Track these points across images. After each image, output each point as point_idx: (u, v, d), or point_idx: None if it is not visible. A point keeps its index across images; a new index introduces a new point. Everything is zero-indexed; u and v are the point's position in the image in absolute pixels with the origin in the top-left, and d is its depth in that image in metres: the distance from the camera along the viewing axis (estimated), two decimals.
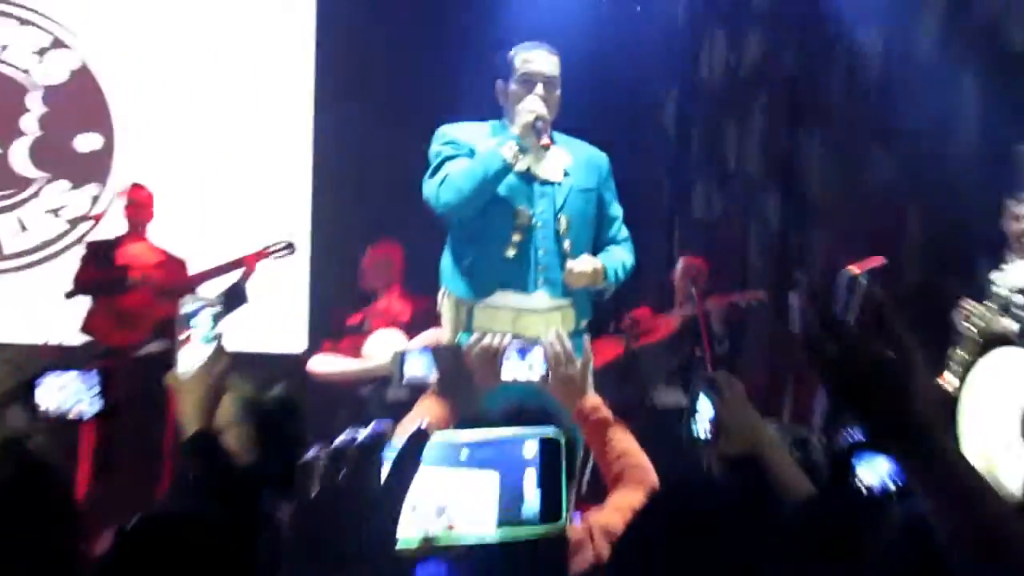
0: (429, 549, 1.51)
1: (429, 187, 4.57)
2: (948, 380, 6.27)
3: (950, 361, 6.29)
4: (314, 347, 7.62)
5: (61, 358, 6.55)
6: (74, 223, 8.69)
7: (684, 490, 2.10)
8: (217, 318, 2.91)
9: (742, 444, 2.58)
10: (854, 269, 6.74)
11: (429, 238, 5.64)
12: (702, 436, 2.69)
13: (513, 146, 4.41)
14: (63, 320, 7.24)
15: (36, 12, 8.75)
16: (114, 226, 7.61)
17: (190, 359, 2.86)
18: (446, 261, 4.72)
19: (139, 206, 7.46)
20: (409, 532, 1.49)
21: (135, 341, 7.07)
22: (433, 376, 3.21)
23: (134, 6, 8.86)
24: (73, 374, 2.54)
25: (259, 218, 8.57)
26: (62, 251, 8.57)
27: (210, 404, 2.86)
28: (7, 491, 2.09)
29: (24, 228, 8.68)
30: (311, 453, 1.49)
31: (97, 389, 2.53)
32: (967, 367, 6.21)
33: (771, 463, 2.56)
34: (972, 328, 6.25)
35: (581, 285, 4.61)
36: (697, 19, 9.58)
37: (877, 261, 6.80)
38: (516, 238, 4.56)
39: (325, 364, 6.99)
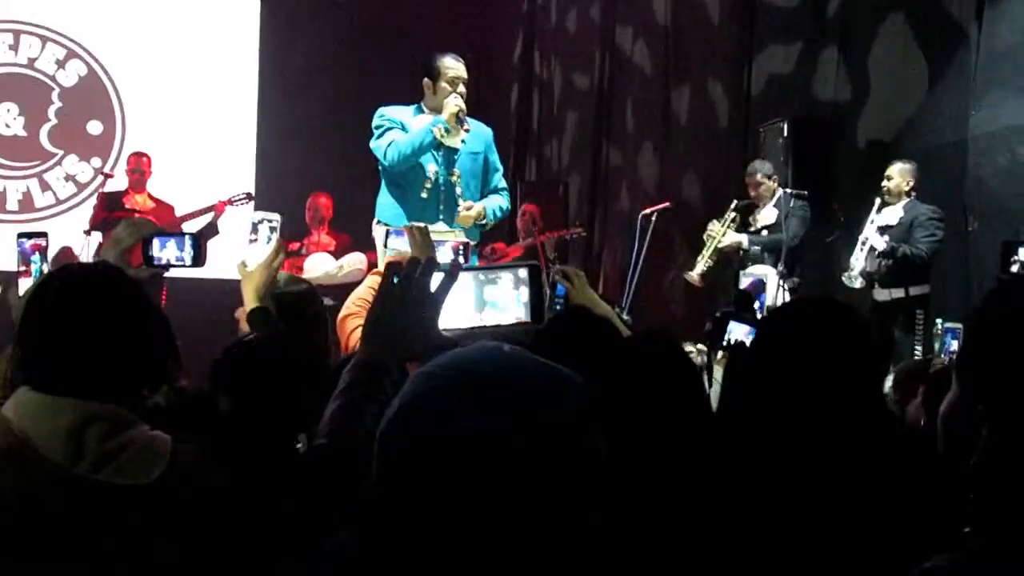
0: (465, 333, 1.79)
1: (377, 147, 5.89)
2: (690, 275, 8.08)
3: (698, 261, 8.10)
4: None
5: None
6: (82, 187, 10.89)
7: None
8: (273, 229, 3.57)
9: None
10: (647, 211, 8.63)
11: (350, 191, 7.45)
12: (558, 308, 3.50)
13: (441, 129, 5.77)
14: (80, 254, 8.51)
15: (54, 31, 11.00)
16: (119, 182, 9.61)
17: (255, 254, 3.48)
18: (381, 200, 6.05)
19: (140, 167, 9.39)
20: (451, 322, 1.76)
21: (137, 264, 8.57)
22: (406, 247, 4.18)
23: (128, 27, 11.06)
24: (176, 237, 2.73)
25: (224, 176, 10.59)
26: (75, 206, 10.73)
27: (268, 287, 3.50)
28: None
29: (48, 188, 10.97)
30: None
31: (191, 248, 2.71)
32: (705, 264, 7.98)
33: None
34: (710, 236, 8.05)
35: (467, 225, 5.86)
36: None
37: (664, 204, 8.73)
38: (427, 185, 5.92)
39: None
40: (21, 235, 3.40)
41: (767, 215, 8.08)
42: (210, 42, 11.31)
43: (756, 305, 6.38)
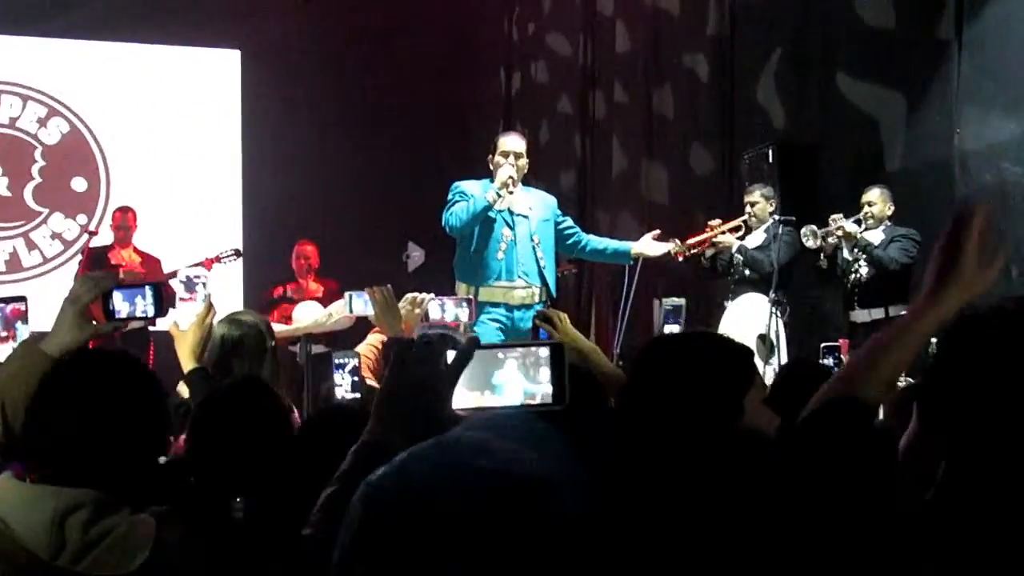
0: (474, 412, 1.69)
1: (445, 216, 6.54)
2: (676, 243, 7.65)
3: None
4: None
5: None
6: (68, 244, 10.89)
7: None
8: (206, 285, 3.61)
9: (571, 353, 3.11)
10: None
11: (337, 238, 7.49)
12: None
13: (493, 193, 6.38)
14: None
15: (35, 89, 11.04)
16: (104, 238, 9.55)
17: (189, 312, 3.49)
18: (459, 263, 6.69)
19: (125, 222, 9.36)
20: (458, 403, 1.69)
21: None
22: (369, 311, 4.31)
23: (109, 83, 11.16)
24: (136, 290, 2.54)
25: (211, 226, 10.83)
26: (63, 264, 10.73)
27: (203, 346, 3.53)
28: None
29: (35, 247, 10.97)
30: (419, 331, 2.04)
31: (152, 299, 2.53)
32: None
33: (594, 363, 3.48)
34: (710, 227, 7.97)
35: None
36: None
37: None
38: (503, 247, 6.56)
39: None
40: None
41: (755, 238, 8.06)
42: (192, 95, 11.43)
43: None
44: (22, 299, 3.26)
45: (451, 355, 1.73)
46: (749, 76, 9.03)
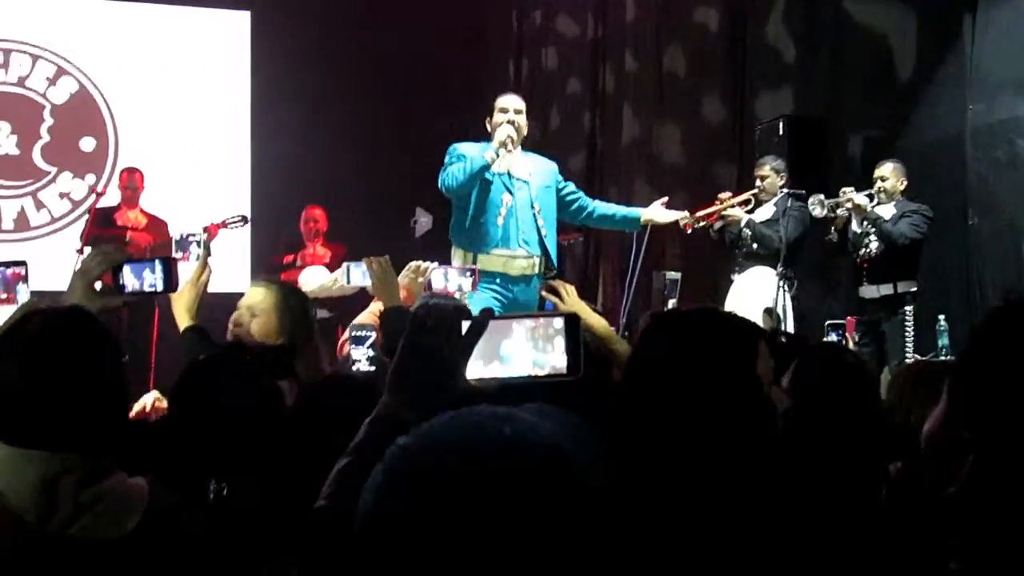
0: (489, 382, 1.69)
1: (441, 178, 6.29)
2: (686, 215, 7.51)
3: None
4: None
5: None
6: (76, 204, 10.88)
7: None
8: (198, 244, 3.81)
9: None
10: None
11: (345, 202, 7.41)
12: None
13: (492, 153, 6.13)
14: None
15: (44, 48, 11.01)
16: (112, 198, 9.50)
17: (185, 273, 3.39)
18: (455, 228, 6.41)
19: (132, 182, 9.33)
20: (472, 374, 1.67)
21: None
22: (367, 281, 4.15)
23: (118, 42, 11.13)
24: (146, 263, 2.53)
25: (219, 188, 10.88)
26: (70, 224, 10.71)
27: (197, 305, 3.56)
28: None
29: (43, 207, 10.97)
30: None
31: (161, 273, 2.52)
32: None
33: (601, 337, 3.48)
34: (719, 200, 7.88)
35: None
36: None
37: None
38: (503, 213, 6.29)
39: None
40: None
41: (764, 211, 7.99)
42: (201, 55, 11.40)
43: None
44: (22, 263, 3.27)
45: (465, 325, 1.71)
46: (759, 24, 8.97)
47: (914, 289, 7.34)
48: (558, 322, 1.72)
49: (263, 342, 3.58)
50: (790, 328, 7.29)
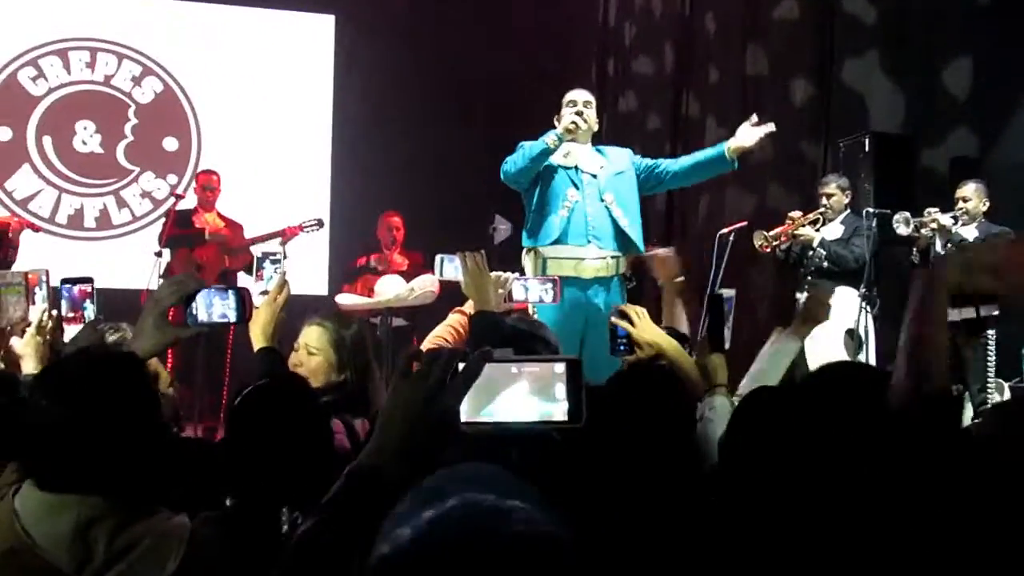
0: (484, 428, 1.64)
1: (503, 167, 6.12)
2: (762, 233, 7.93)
3: None
4: (333, 292, 9.30)
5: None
6: (158, 204, 10.97)
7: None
8: (275, 263, 3.54)
9: (650, 351, 3.37)
10: (724, 230, 8.34)
11: (423, 210, 7.36)
12: (622, 349, 3.45)
13: (554, 136, 5.97)
14: (151, 272, 8.48)
15: (130, 48, 11.12)
16: (190, 201, 9.42)
17: (260, 291, 3.44)
18: (525, 224, 6.25)
19: (210, 184, 9.30)
20: (467, 416, 1.62)
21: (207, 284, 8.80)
22: (459, 276, 3.97)
23: (203, 44, 11.22)
24: (220, 293, 2.46)
25: (298, 193, 10.91)
26: (152, 223, 10.76)
27: (274, 326, 3.46)
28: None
29: (125, 205, 11.08)
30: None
31: (234, 304, 2.47)
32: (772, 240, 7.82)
33: (674, 362, 3.36)
34: (790, 219, 7.88)
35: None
36: None
37: (742, 223, 8.36)
38: (567, 206, 6.06)
39: (348, 299, 8.41)
40: (65, 280, 3.35)
41: (832, 229, 7.93)
42: (285, 59, 11.44)
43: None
44: (89, 280, 3.28)
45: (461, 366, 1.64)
46: (847, 65, 8.77)
47: (996, 313, 7.19)
48: (559, 367, 1.68)
49: (331, 382, 3.62)
50: (871, 349, 7.17)
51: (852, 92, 8.72)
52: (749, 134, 6.05)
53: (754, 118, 6.12)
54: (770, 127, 6.09)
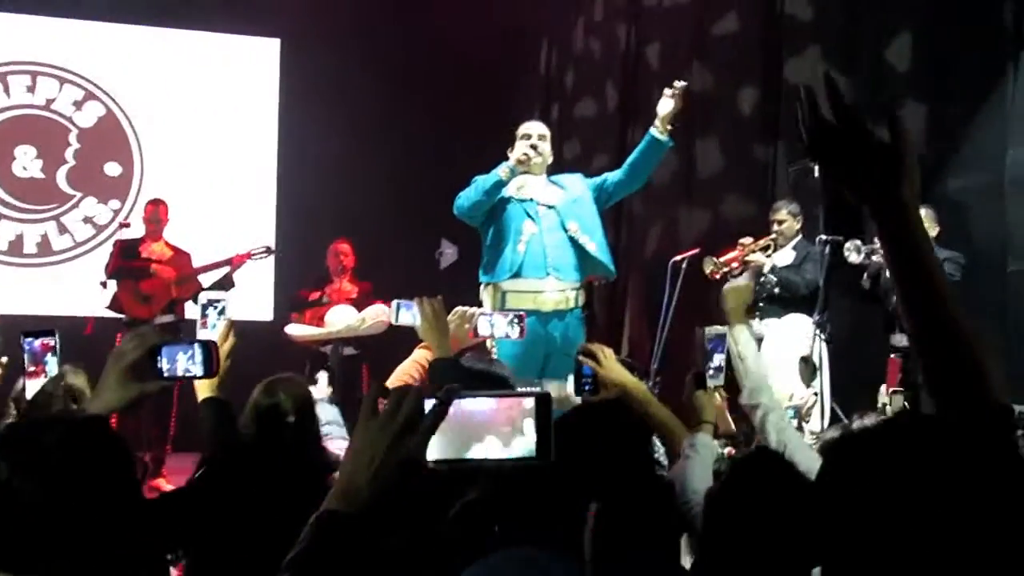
0: (453, 465, 1.63)
1: (456, 202, 6.18)
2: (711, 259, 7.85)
3: None
4: (279, 318, 9.30)
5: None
6: (100, 229, 10.78)
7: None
8: (222, 312, 3.44)
9: (616, 391, 3.28)
10: (677, 258, 8.25)
11: (373, 237, 7.24)
12: (587, 388, 3.38)
13: (506, 168, 6.01)
14: (95, 300, 8.63)
15: (72, 72, 10.93)
16: (136, 230, 9.27)
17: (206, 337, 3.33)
18: (483, 263, 6.26)
19: (156, 215, 9.05)
20: (435, 454, 1.59)
21: (152, 314, 8.44)
22: (416, 323, 3.91)
23: (146, 68, 11.04)
24: (184, 346, 2.36)
25: (244, 219, 10.79)
26: (94, 249, 10.61)
27: (221, 374, 3.32)
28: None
29: (66, 231, 10.85)
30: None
31: (200, 358, 2.35)
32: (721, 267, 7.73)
33: (637, 402, 3.27)
34: (741, 245, 7.86)
35: None
36: None
37: (695, 251, 8.26)
38: (524, 238, 6.09)
39: (298, 330, 8.52)
40: (27, 334, 3.23)
41: (783, 255, 7.93)
42: (231, 83, 11.32)
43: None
44: (51, 333, 3.17)
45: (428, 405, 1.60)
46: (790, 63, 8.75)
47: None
48: (528, 402, 1.67)
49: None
50: (826, 376, 7.16)
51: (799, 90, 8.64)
52: (664, 104, 6.13)
53: (667, 91, 6.17)
54: (680, 83, 6.17)
